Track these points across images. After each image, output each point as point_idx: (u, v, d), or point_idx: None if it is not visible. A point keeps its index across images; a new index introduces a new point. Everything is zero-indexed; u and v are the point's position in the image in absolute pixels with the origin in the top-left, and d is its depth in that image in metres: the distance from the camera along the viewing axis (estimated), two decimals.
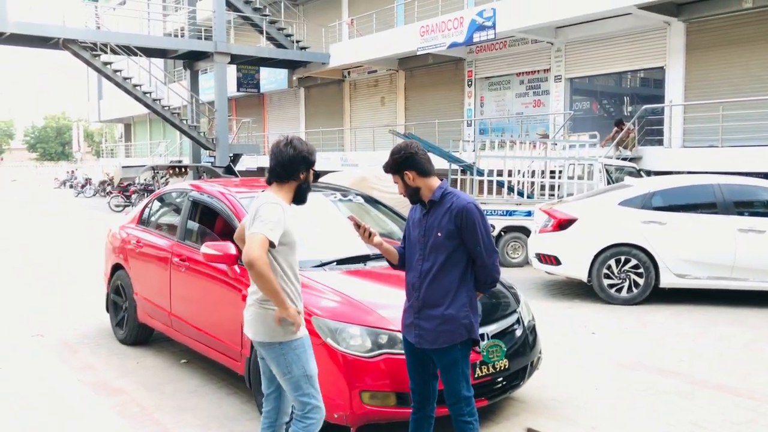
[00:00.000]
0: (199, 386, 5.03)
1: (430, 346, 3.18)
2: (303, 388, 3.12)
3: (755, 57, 13.18)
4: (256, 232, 2.98)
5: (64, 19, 19.54)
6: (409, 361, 3.36)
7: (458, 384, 3.19)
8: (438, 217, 3.16)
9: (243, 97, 28.96)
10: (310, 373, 3.15)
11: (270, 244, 2.98)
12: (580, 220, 8.12)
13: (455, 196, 3.18)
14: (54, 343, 6.21)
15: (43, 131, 78.63)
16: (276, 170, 3.16)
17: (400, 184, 3.24)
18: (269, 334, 3.11)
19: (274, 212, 3.03)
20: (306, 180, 3.21)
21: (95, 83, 40.81)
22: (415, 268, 3.23)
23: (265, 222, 3.00)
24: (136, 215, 6.42)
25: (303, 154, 3.15)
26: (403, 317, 3.35)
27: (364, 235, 3.22)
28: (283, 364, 3.12)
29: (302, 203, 3.25)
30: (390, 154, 3.24)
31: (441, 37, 17.22)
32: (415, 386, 3.36)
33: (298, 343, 3.13)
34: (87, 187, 33.49)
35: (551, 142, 13.39)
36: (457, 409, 3.21)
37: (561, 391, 4.93)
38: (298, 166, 3.15)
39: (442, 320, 3.15)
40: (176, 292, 5.28)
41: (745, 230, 7.60)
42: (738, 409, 4.59)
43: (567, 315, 7.44)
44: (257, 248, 2.94)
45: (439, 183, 3.22)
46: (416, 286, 3.21)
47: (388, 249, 3.35)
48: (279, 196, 3.14)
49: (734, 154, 11.89)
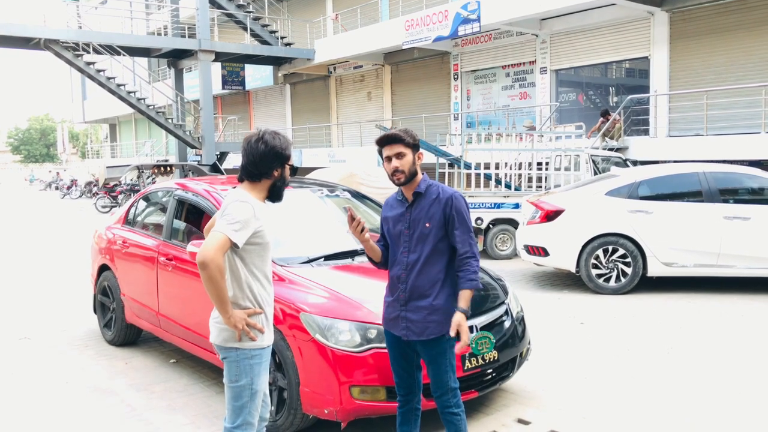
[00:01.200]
0: (189, 385, 5.00)
1: (418, 338, 3.17)
2: (243, 399, 2.92)
3: (738, 45, 13.28)
4: (218, 231, 2.79)
5: (45, 19, 19.36)
6: (392, 355, 3.34)
7: (446, 375, 3.19)
8: (425, 207, 3.15)
9: (228, 94, 28.85)
10: (257, 388, 2.95)
11: (233, 244, 2.81)
12: (567, 211, 8.14)
13: (440, 188, 3.21)
14: (42, 345, 6.15)
15: (27, 133, 77.96)
16: (247, 168, 2.94)
17: (409, 159, 3.13)
18: (227, 338, 2.92)
19: (243, 211, 2.84)
20: (281, 177, 2.99)
21: (79, 84, 40.50)
22: (401, 261, 3.21)
23: (230, 222, 2.81)
24: (122, 215, 6.36)
25: (276, 150, 2.92)
26: (384, 311, 3.32)
27: (357, 229, 3.17)
28: (233, 371, 2.92)
29: (278, 201, 3.06)
30: (407, 130, 3.17)
31: (426, 31, 17.21)
32: (400, 380, 3.35)
33: (256, 353, 2.94)
34: (73, 189, 33.23)
35: (538, 133, 13.42)
36: (444, 401, 3.21)
37: (551, 381, 4.95)
38: (271, 163, 2.93)
39: (430, 311, 3.14)
40: (163, 292, 5.25)
41: (731, 218, 7.66)
42: (727, 395, 4.63)
43: (556, 306, 7.47)
44: (213, 249, 2.74)
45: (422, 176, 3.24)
46: (402, 278, 3.19)
47: (372, 247, 3.33)
48: (251, 194, 2.94)
49: (719, 142, 11.98)
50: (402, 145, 3.13)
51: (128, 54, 20.10)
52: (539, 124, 16.19)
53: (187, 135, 21.29)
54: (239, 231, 2.81)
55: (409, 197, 3.22)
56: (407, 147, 3.13)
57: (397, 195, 3.31)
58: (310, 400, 3.82)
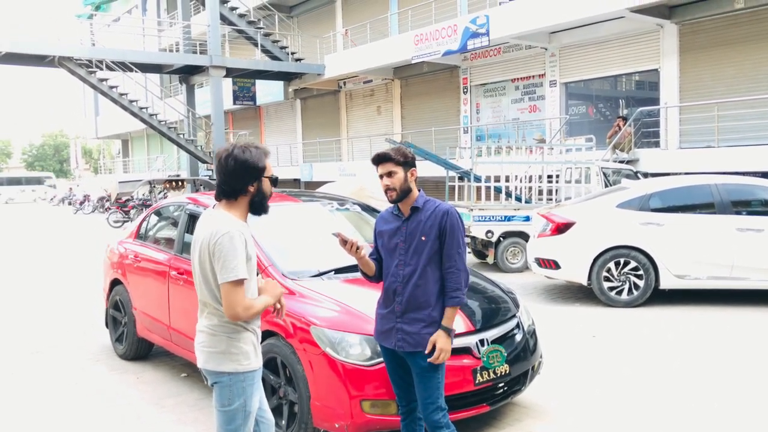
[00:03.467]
0: (200, 399, 5.00)
1: (413, 350, 3.19)
2: (236, 422, 2.82)
3: (748, 57, 13.23)
4: (222, 283, 2.69)
5: (58, 36, 19.62)
6: (390, 367, 3.37)
7: (438, 390, 3.20)
8: (421, 221, 3.21)
9: (239, 110, 29.05)
10: (249, 409, 2.85)
11: (243, 281, 2.71)
12: (578, 224, 8.11)
13: (436, 203, 3.28)
14: (53, 359, 6.18)
15: (41, 149, 78.77)
16: (222, 187, 2.80)
17: (401, 177, 3.19)
18: (220, 362, 2.81)
19: (231, 244, 2.68)
20: (258, 191, 2.81)
21: (92, 100, 41.01)
22: (396, 273, 3.24)
23: (225, 263, 2.68)
24: (134, 230, 6.41)
25: (247, 164, 2.76)
26: (377, 324, 3.36)
27: (352, 250, 3.22)
28: (226, 395, 2.82)
29: (262, 214, 2.90)
30: (399, 148, 3.25)
31: (435, 45, 17.29)
32: (400, 391, 3.38)
33: (248, 376, 2.84)
34: (85, 204, 33.45)
35: (548, 146, 13.41)
36: (435, 419, 3.18)
37: (563, 395, 4.91)
38: (244, 179, 2.77)
39: (426, 323, 3.18)
40: (175, 306, 5.26)
41: (744, 229, 7.60)
42: (744, 410, 4.57)
43: (568, 319, 7.42)
44: (235, 305, 2.69)
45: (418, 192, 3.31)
46: (398, 290, 3.23)
47: (367, 262, 3.37)
48: (231, 214, 2.79)
49: (730, 153, 11.91)
50: (392, 163, 3.21)
51: (140, 70, 20.33)
52: (549, 137, 16.17)
53: (198, 150, 21.45)
54: (236, 267, 2.68)
55: (406, 212, 3.27)
56: (398, 165, 3.20)
57: (393, 209, 3.35)
58: (321, 415, 3.81)
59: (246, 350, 2.84)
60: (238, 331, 2.82)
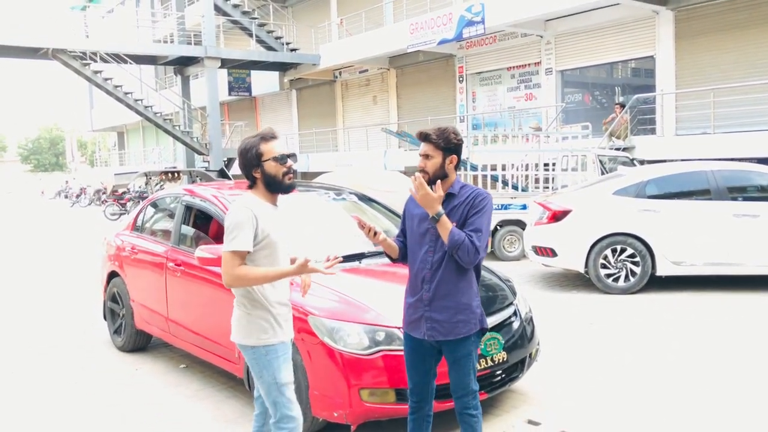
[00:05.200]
0: (199, 390, 5.02)
1: (444, 338, 3.11)
2: (273, 394, 3.03)
3: (743, 43, 13.22)
4: (223, 251, 2.93)
5: (52, 28, 19.49)
6: (411, 360, 3.27)
7: (468, 377, 3.16)
8: (455, 208, 3.09)
9: (235, 100, 28.95)
10: (282, 381, 3.03)
11: (241, 252, 2.91)
12: (575, 211, 8.12)
13: (472, 189, 3.17)
14: (51, 352, 6.19)
15: (37, 143, 78.49)
16: (246, 177, 3.11)
17: (437, 161, 3.09)
18: (242, 336, 3.04)
19: (234, 218, 2.94)
20: (266, 174, 3.01)
21: (87, 93, 40.79)
22: (425, 260, 3.13)
23: (227, 234, 2.93)
24: (131, 222, 6.40)
25: (244, 154, 3.02)
26: (406, 313, 3.24)
27: (370, 234, 3.15)
28: (256, 367, 3.04)
29: (284, 192, 3.08)
30: (446, 131, 3.10)
31: (430, 34, 17.23)
32: (414, 386, 3.28)
33: (270, 349, 3.02)
34: (82, 197, 33.39)
35: (544, 134, 13.40)
36: (464, 402, 3.18)
37: (561, 382, 4.94)
38: (247, 168, 3.03)
39: (456, 310, 3.09)
40: (173, 297, 5.27)
41: (740, 215, 7.62)
42: (739, 395, 4.60)
43: (565, 306, 7.44)
44: (224, 274, 2.91)
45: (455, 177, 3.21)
46: (427, 278, 3.12)
47: (390, 244, 3.28)
48: (257, 197, 3.04)
49: (727, 140, 11.93)
50: (432, 146, 3.09)
51: (135, 62, 20.22)
52: (545, 125, 16.16)
53: (194, 142, 21.39)
54: (237, 238, 2.91)
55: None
56: (437, 149, 3.08)
57: None
58: (320, 404, 3.83)
59: (263, 325, 3.02)
60: (254, 306, 3.03)
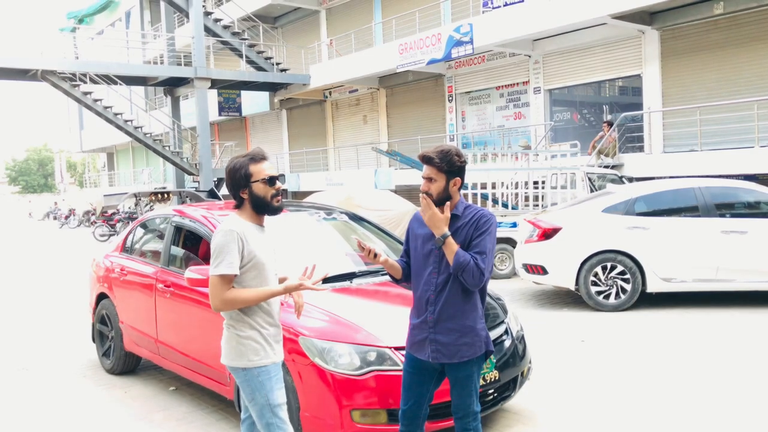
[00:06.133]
0: (189, 413, 4.96)
1: (449, 361, 3.09)
2: (266, 416, 3.00)
3: (729, 61, 13.40)
4: (210, 275, 2.93)
5: (42, 50, 19.49)
6: (409, 382, 3.23)
7: (470, 398, 3.14)
8: (458, 229, 3.06)
9: (225, 121, 28.99)
10: (275, 402, 3.00)
11: (229, 276, 2.91)
12: (564, 229, 8.15)
13: (477, 209, 3.13)
14: (40, 375, 6.11)
15: (25, 164, 78.06)
16: (234, 197, 3.11)
17: (441, 184, 3.03)
18: (233, 358, 3.01)
19: (220, 240, 2.94)
20: (251, 195, 3.01)
21: (76, 114, 40.70)
22: (429, 281, 3.10)
23: (213, 259, 2.93)
24: (120, 243, 6.36)
25: (233, 174, 3.01)
26: (410, 334, 3.22)
27: (370, 256, 3.14)
28: (248, 389, 3.01)
29: (270, 214, 3.08)
30: (449, 152, 3.03)
31: (420, 54, 17.37)
32: (408, 408, 3.23)
33: (262, 370, 2.99)
34: (71, 218, 33.21)
35: (533, 153, 13.48)
36: (464, 424, 3.16)
37: (553, 400, 4.92)
38: (234, 189, 3.02)
39: (461, 333, 3.06)
40: (162, 319, 5.23)
41: (728, 232, 7.67)
42: (731, 412, 4.60)
43: (556, 324, 7.44)
44: (213, 299, 2.92)
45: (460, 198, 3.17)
46: (431, 300, 3.09)
47: (392, 265, 3.27)
48: (241, 218, 3.03)
49: (714, 157, 12.04)
50: (435, 169, 3.04)
51: (125, 83, 20.23)
52: (534, 144, 16.27)
53: (184, 162, 21.35)
54: (223, 262, 2.91)
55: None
56: (440, 172, 3.02)
57: None
58: (311, 425, 3.79)
59: (254, 347, 3.00)
60: (244, 327, 3.01)
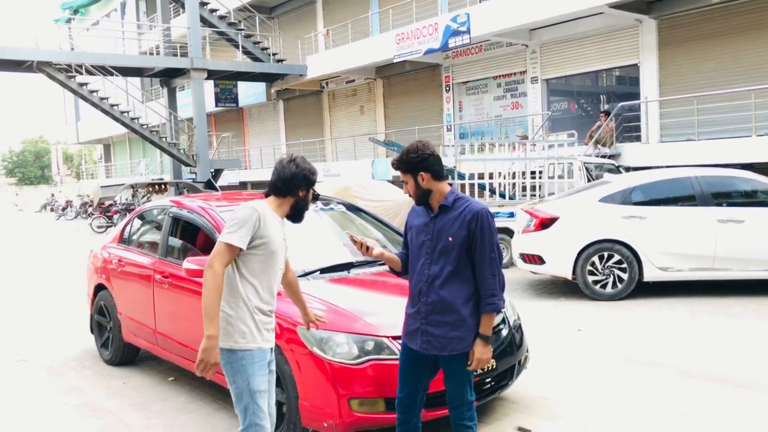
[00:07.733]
0: (188, 403, 4.98)
1: (438, 353, 3.11)
2: (244, 400, 3.03)
3: (726, 50, 13.38)
4: (219, 239, 2.97)
5: (37, 41, 19.37)
6: (404, 370, 3.27)
7: (463, 389, 3.17)
8: (449, 221, 3.08)
9: (222, 112, 28.89)
10: (255, 388, 3.02)
11: (235, 248, 2.94)
12: (562, 219, 8.17)
13: (467, 202, 3.12)
14: (39, 367, 6.13)
15: (21, 156, 77.84)
16: (276, 184, 3.14)
17: (411, 184, 3.13)
18: (220, 339, 2.99)
19: (242, 213, 2.99)
20: (304, 198, 3.17)
21: (72, 105, 40.55)
22: (421, 272, 3.14)
23: (228, 225, 2.99)
24: (117, 234, 6.36)
25: (304, 172, 3.14)
26: (405, 323, 3.26)
27: (362, 249, 3.19)
28: (230, 371, 3.04)
29: (298, 221, 3.21)
30: (405, 152, 3.14)
31: (417, 44, 17.31)
32: (404, 396, 3.28)
33: (246, 354, 3.01)
34: (68, 210, 33.16)
35: (530, 142, 13.47)
36: (458, 413, 3.19)
37: (550, 388, 4.95)
38: (298, 183, 3.12)
39: (452, 326, 3.07)
40: (160, 310, 5.24)
41: (725, 221, 7.69)
42: (726, 397, 4.64)
43: (553, 313, 7.47)
44: (211, 257, 2.93)
45: (449, 188, 3.17)
46: (423, 291, 3.12)
47: (390, 257, 3.31)
48: (271, 207, 3.11)
49: (711, 146, 12.04)
50: (401, 172, 3.16)
51: (121, 74, 20.13)
52: (532, 133, 16.26)
53: (181, 153, 21.30)
54: (235, 232, 2.95)
55: (435, 208, 3.15)
56: (406, 173, 3.15)
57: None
58: (310, 414, 3.81)
59: (240, 329, 3.01)
60: (236, 309, 3.03)
